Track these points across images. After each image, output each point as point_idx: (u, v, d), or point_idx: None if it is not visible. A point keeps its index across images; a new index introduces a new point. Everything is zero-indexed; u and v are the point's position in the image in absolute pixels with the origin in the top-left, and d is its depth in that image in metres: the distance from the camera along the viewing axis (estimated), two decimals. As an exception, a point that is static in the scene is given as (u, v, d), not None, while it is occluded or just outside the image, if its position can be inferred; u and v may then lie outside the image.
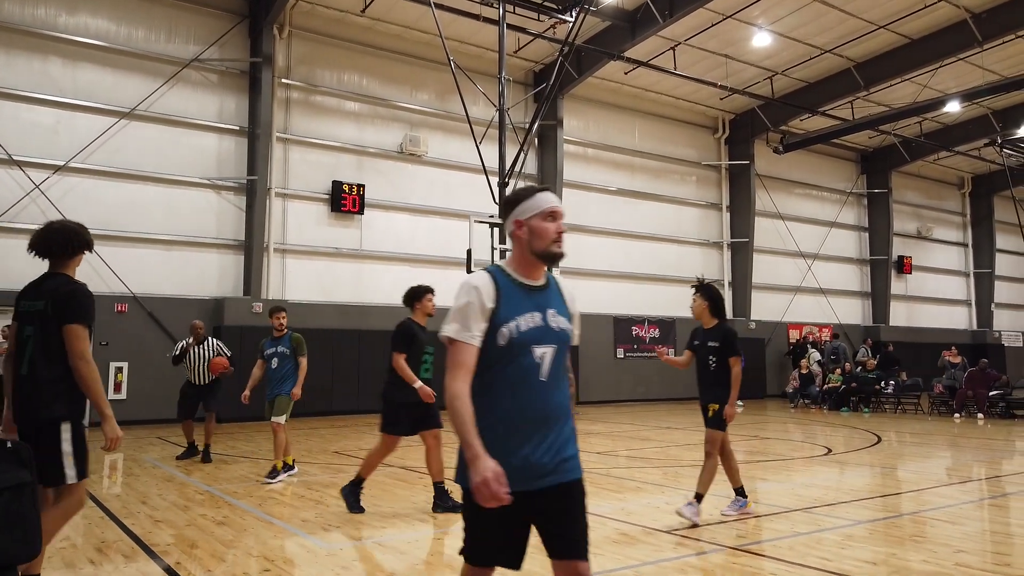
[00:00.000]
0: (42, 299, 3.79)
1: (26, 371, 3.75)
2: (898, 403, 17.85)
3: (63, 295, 3.77)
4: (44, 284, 3.87)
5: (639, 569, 4.69)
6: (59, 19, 14.33)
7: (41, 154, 13.95)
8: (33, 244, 3.94)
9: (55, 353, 3.73)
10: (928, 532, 5.73)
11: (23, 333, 3.81)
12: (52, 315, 3.74)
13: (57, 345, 3.73)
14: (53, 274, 3.93)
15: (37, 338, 3.75)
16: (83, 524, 6.00)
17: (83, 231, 4.03)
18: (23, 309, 3.87)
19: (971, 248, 30.18)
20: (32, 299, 3.84)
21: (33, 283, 3.94)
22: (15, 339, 3.87)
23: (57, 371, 3.73)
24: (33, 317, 3.79)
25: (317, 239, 16.62)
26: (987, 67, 19.55)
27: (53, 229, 3.97)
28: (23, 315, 3.85)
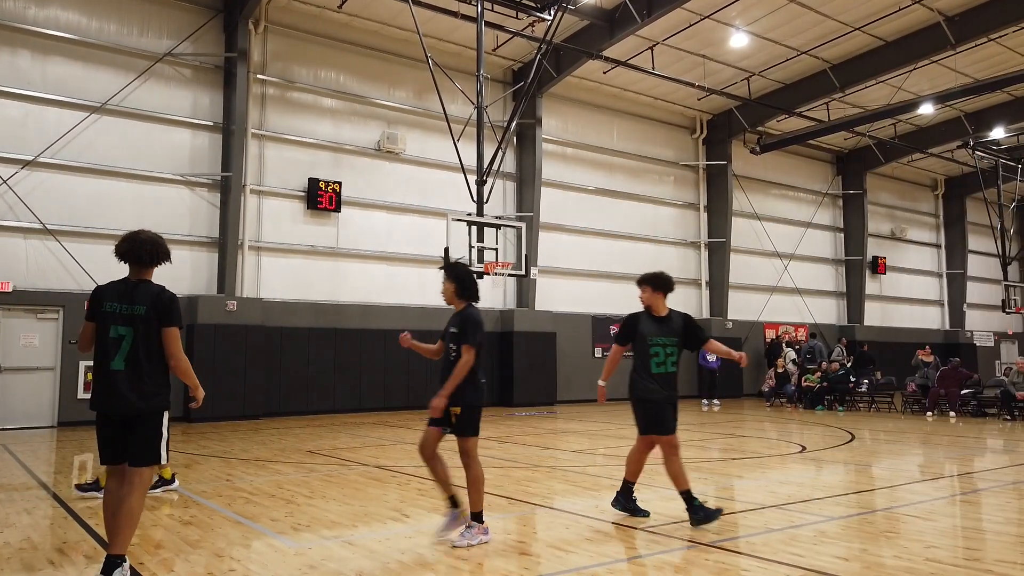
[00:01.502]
0: (141, 304, 4.29)
1: (122, 366, 4.22)
2: (872, 402, 18.02)
3: (164, 302, 4.33)
4: (139, 290, 4.34)
5: (612, 566, 4.65)
6: (28, 11, 14.05)
7: (9, 148, 13.67)
8: (123, 252, 4.38)
9: (155, 351, 4.28)
10: (900, 528, 5.75)
11: (114, 332, 4.25)
12: (154, 318, 4.28)
13: (157, 344, 4.28)
14: (143, 281, 4.41)
15: (139, 338, 4.25)
16: (45, 524, 5.86)
17: (165, 243, 4.51)
18: (113, 311, 4.28)
19: (944, 249, 30.57)
20: (128, 303, 4.30)
21: (120, 288, 4.36)
22: (98, 337, 4.30)
23: (158, 367, 4.31)
24: (131, 319, 4.27)
25: (293, 237, 16.45)
26: (960, 70, 19.81)
27: (143, 239, 4.40)
28: (114, 316, 4.27)
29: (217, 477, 8.12)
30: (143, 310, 4.28)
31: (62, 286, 14.01)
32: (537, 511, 6.43)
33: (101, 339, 4.29)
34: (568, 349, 19.91)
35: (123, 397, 4.22)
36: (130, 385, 4.22)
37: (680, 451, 5.79)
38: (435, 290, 18.33)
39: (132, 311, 4.28)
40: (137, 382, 4.24)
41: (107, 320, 4.29)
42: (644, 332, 5.92)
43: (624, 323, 6.10)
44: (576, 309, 20.38)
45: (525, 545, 5.30)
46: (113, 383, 4.23)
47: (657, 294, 5.98)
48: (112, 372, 4.23)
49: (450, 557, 4.87)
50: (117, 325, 4.27)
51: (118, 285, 4.38)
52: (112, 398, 4.24)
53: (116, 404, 4.24)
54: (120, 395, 4.22)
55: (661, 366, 5.85)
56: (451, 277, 5.66)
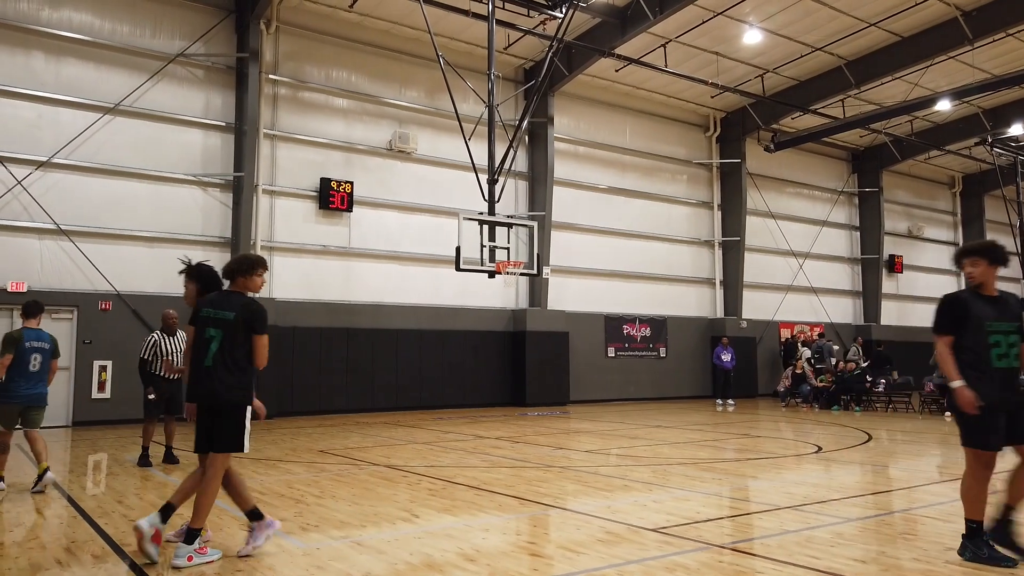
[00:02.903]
0: (232, 311, 4.90)
1: (211, 364, 4.85)
2: (889, 402, 17.81)
3: (253, 310, 4.96)
4: (230, 299, 5.00)
5: (624, 568, 4.58)
6: (42, 13, 14.13)
7: (23, 150, 13.75)
8: (230, 271, 5.09)
9: (239, 352, 4.89)
10: (919, 530, 5.63)
11: (207, 334, 4.89)
12: (242, 324, 4.89)
13: (242, 347, 4.90)
14: (236, 292, 5.07)
15: (226, 340, 4.87)
16: (55, 523, 5.85)
17: (253, 258, 5.21)
18: (207, 316, 4.94)
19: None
20: (221, 309, 4.93)
21: (215, 297, 5.03)
22: (199, 338, 4.93)
23: (240, 366, 4.90)
24: (221, 323, 4.90)
25: (305, 237, 16.45)
26: (977, 65, 19.53)
27: (240, 258, 5.22)
28: (208, 319, 4.93)
29: (228, 477, 8.09)
30: (232, 316, 4.91)
31: (76, 286, 14.08)
32: (549, 512, 6.35)
33: (198, 339, 4.95)
34: (581, 349, 19.82)
35: (210, 389, 4.85)
36: (216, 379, 4.85)
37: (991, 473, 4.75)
38: (447, 290, 18.45)
39: (223, 316, 4.91)
40: (222, 377, 4.85)
41: (203, 323, 4.95)
42: (979, 315, 4.70)
43: (947, 306, 4.83)
44: (589, 308, 20.28)
45: (536, 546, 5.23)
46: (204, 377, 4.88)
47: (992, 268, 4.79)
48: (204, 368, 4.88)
49: (459, 558, 4.81)
50: (210, 328, 4.92)
51: (221, 296, 5.07)
52: (201, 390, 4.89)
53: (204, 395, 4.88)
54: (208, 387, 4.86)
55: (1003, 359, 4.67)
56: (192, 278, 5.46)
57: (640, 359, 21.12)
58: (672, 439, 11.70)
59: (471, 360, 18.14)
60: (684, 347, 21.97)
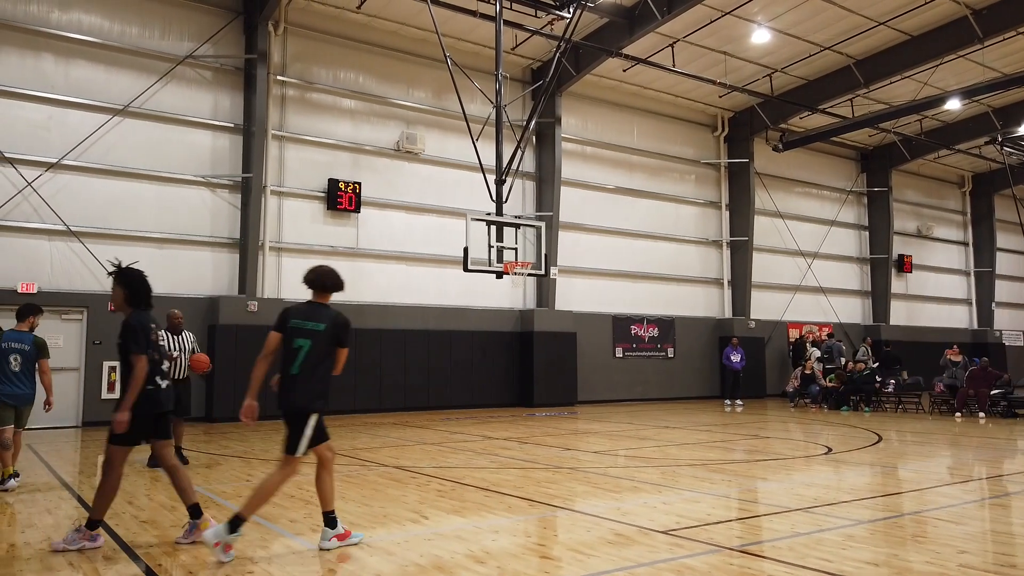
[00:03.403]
0: (322, 323, 5.10)
1: (297, 371, 5.04)
2: (899, 402, 17.72)
3: (341, 323, 5.17)
4: (320, 311, 5.18)
5: (633, 570, 4.56)
6: (52, 15, 14.20)
7: (33, 151, 13.82)
8: (310, 281, 5.25)
9: (324, 362, 5.09)
10: (930, 532, 5.60)
11: (294, 344, 5.06)
12: (329, 336, 5.09)
13: (328, 357, 5.10)
14: (324, 304, 5.25)
15: (313, 350, 5.05)
16: (66, 525, 5.87)
17: (340, 276, 5.38)
18: (298, 326, 5.10)
19: (972, 247, 30.04)
20: (311, 320, 5.12)
21: (303, 309, 5.20)
22: (287, 347, 5.09)
23: (322, 375, 5.10)
24: (313, 334, 5.07)
25: (313, 237, 16.49)
26: (987, 64, 19.42)
27: (326, 272, 5.31)
28: (297, 330, 5.09)
29: (237, 477, 8.13)
30: (322, 327, 5.09)
31: (86, 287, 14.14)
32: (558, 513, 6.35)
33: (286, 348, 5.10)
34: (588, 349, 19.80)
35: (294, 396, 5.05)
36: (301, 387, 5.05)
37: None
38: (455, 290, 18.45)
39: (312, 327, 5.08)
40: (305, 385, 5.06)
41: (292, 333, 5.09)
42: None
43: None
44: (596, 309, 20.26)
45: (545, 548, 5.23)
46: (289, 384, 5.07)
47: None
48: (290, 376, 5.07)
49: (469, 560, 4.81)
50: (298, 337, 5.07)
51: (302, 306, 5.22)
52: (283, 398, 5.08)
53: (285, 402, 5.07)
54: (288, 396, 5.06)
55: None
56: (120, 283, 5.39)
57: (648, 359, 21.08)
58: (681, 440, 11.68)
59: (479, 360, 18.14)
60: (692, 347, 21.92)
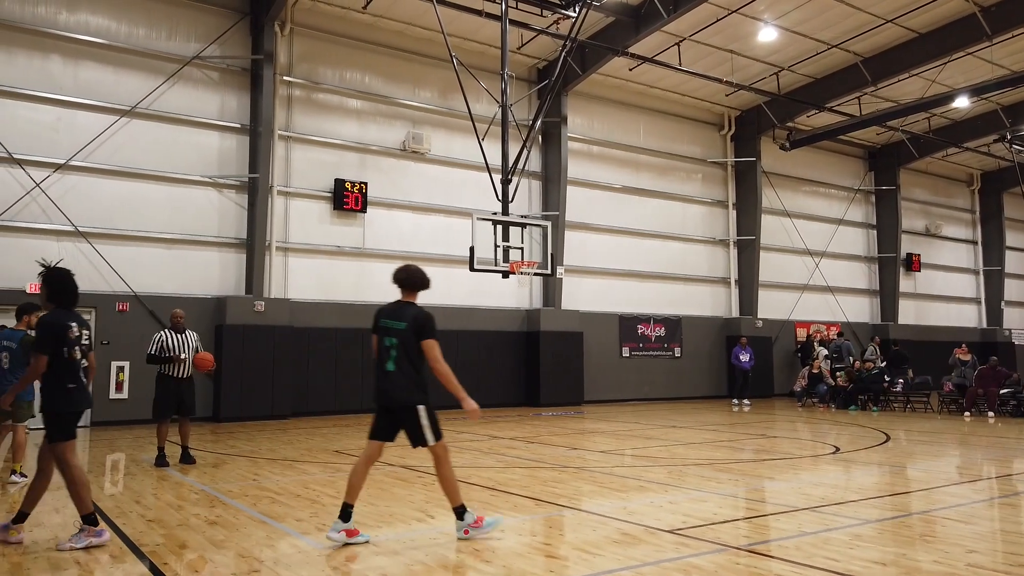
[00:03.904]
0: (404, 320, 5.31)
1: (392, 368, 5.29)
2: (907, 401, 17.64)
3: (422, 318, 5.33)
4: (404, 310, 5.39)
5: (639, 570, 4.55)
6: (60, 17, 14.26)
7: (42, 152, 13.88)
8: (400, 280, 5.46)
9: (415, 358, 5.29)
10: (939, 532, 5.57)
11: (387, 342, 5.31)
12: (412, 332, 5.27)
13: (416, 352, 5.29)
14: (408, 303, 5.44)
15: (402, 347, 5.28)
16: (73, 524, 5.88)
17: (426, 275, 5.54)
18: (386, 325, 5.36)
19: (980, 245, 29.88)
20: (396, 319, 5.35)
21: (391, 308, 5.43)
22: (380, 345, 5.36)
23: (416, 369, 5.30)
24: (398, 332, 5.30)
25: (319, 237, 16.51)
26: (996, 62, 19.32)
27: (413, 271, 5.50)
28: (387, 329, 5.34)
29: (244, 477, 8.14)
30: (404, 325, 5.31)
31: (94, 288, 14.19)
32: (564, 512, 6.34)
33: (380, 346, 5.36)
34: (595, 349, 19.77)
35: (391, 393, 5.31)
36: (396, 383, 5.29)
37: None
38: (461, 290, 18.43)
39: (397, 326, 5.32)
40: (398, 381, 5.28)
41: (382, 332, 5.37)
42: None
43: None
44: (603, 308, 20.23)
45: (551, 547, 5.22)
46: (385, 382, 5.32)
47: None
48: (386, 372, 5.32)
49: (474, 559, 4.80)
50: (388, 336, 5.32)
51: (391, 305, 5.46)
52: (383, 393, 5.34)
53: (386, 398, 5.32)
54: (389, 391, 5.31)
55: None
56: (43, 281, 5.44)
57: (655, 359, 21.05)
58: (688, 439, 11.65)
59: (485, 360, 18.13)
60: (699, 347, 21.87)
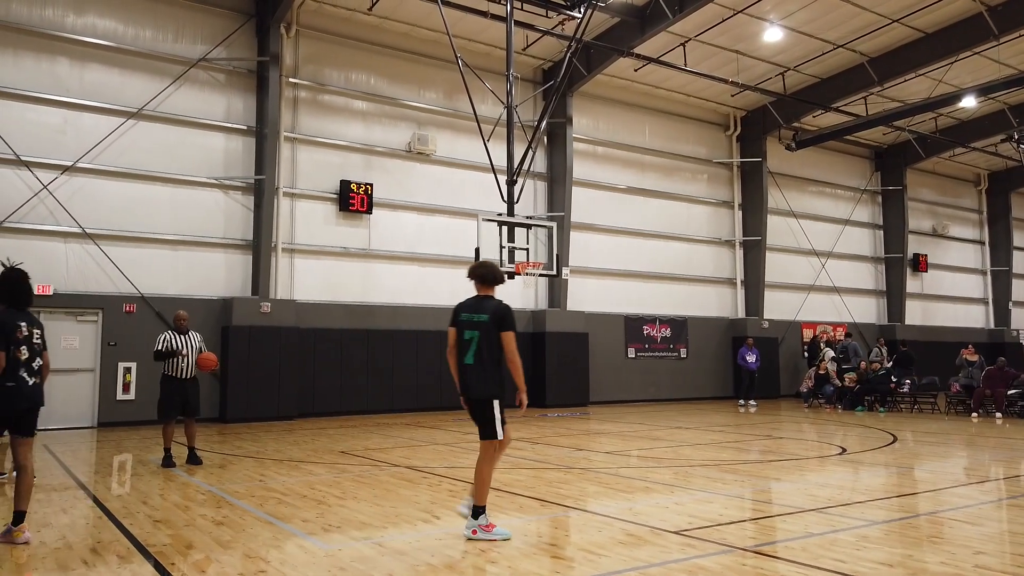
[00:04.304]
0: (485, 314, 5.43)
1: (472, 361, 5.41)
2: (914, 402, 17.58)
3: (502, 310, 5.45)
4: (485, 303, 5.51)
5: (645, 571, 4.54)
6: (66, 19, 14.33)
7: (49, 154, 13.95)
8: (477, 275, 5.62)
9: (495, 351, 5.39)
10: (946, 533, 5.54)
11: (466, 335, 5.43)
12: (493, 324, 5.38)
13: (496, 345, 5.39)
14: (488, 296, 5.58)
15: (483, 340, 5.39)
16: (81, 524, 5.92)
17: (500, 269, 5.75)
18: (468, 319, 5.47)
19: (988, 246, 29.77)
20: (478, 312, 5.46)
21: (471, 302, 5.55)
22: (459, 339, 5.47)
23: (495, 362, 5.41)
24: (480, 324, 5.41)
25: (325, 239, 16.54)
26: (1003, 61, 19.24)
27: (489, 266, 5.71)
28: (468, 322, 5.45)
29: (250, 477, 8.16)
30: (486, 318, 5.42)
31: (101, 289, 14.25)
32: (569, 513, 6.33)
33: (459, 341, 5.48)
34: (600, 350, 19.76)
35: (471, 385, 5.42)
36: (474, 376, 5.40)
37: None
38: (466, 291, 18.38)
39: (478, 319, 5.43)
40: (478, 373, 5.39)
41: (462, 326, 5.49)
42: None
43: None
44: (608, 309, 20.21)
45: (557, 548, 5.21)
46: (465, 374, 5.44)
47: None
48: (466, 365, 5.44)
49: (479, 559, 4.81)
50: (468, 330, 5.44)
51: (471, 300, 5.57)
52: (463, 386, 5.46)
53: (465, 390, 5.45)
54: (467, 384, 5.44)
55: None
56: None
57: (661, 360, 21.02)
58: (694, 440, 11.63)
59: (491, 361, 18.11)
60: (705, 348, 21.83)
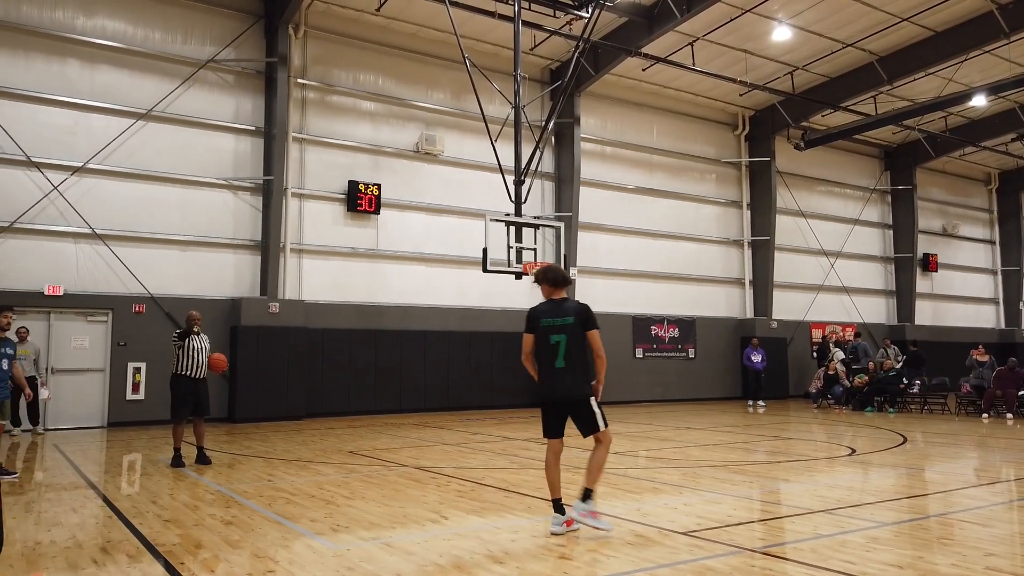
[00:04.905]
0: (569, 316, 5.50)
1: (564, 364, 5.46)
2: (924, 403, 17.48)
3: (583, 309, 5.55)
4: (564, 305, 5.59)
5: (654, 571, 4.54)
6: (77, 21, 14.41)
7: (59, 155, 14.03)
8: (548, 278, 5.68)
9: (583, 350, 5.47)
10: (956, 535, 5.51)
11: (551, 341, 5.49)
12: (579, 325, 5.47)
13: (583, 344, 5.46)
14: (563, 299, 5.66)
15: (571, 341, 5.45)
16: (91, 523, 5.95)
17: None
18: (551, 323, 5.52)
19: (998, 245, 29.59)
20: (561, 315, 5.53)
21: (547, 307, 5.61)
22: (543, 343, 5.52)
23: (585, 361, 5.51)
24: (566, 327, 5.48)
25: (333, 239, 16.58)
26: (1014, 60, 19.13)
27: (557, 268, 5.79)
28: (552, 327, 5.51)
29: (259, 477, 8.19)
30: (571, 320, 5.48)
31: (111, 289, 14.33)
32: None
33: (543, 346, 5.52)
34: (608, 350, 19.26)
35: (565, 388, 5.46)
36: (568, 378, 5.46)
37: None
38: (474, 291, 18.44)
39: (565, 322, 5.49)
40: (575, 375, 5.45)
41: (545, 332, 5.52)
42: None
43: None
44: (616, 309, 20.17)
45: (564, 548, 5.20)
46: (557, 378, 5.48)
47: None
48: (556, 370, 5.48)
49: (488, 560, 4.80)
50: (554, 334, 5.48)
51: (547, 304, 5.62)
52: (556, 389, 5.49)
53: (559, 393, 5.49)
54: (562, 386, 5.47)
55: None
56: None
57: (669, 360, 20.97)
58: (702, 441, 11.60)
59: (498, 361, 18.13)
60: (714, 348, 21.77)
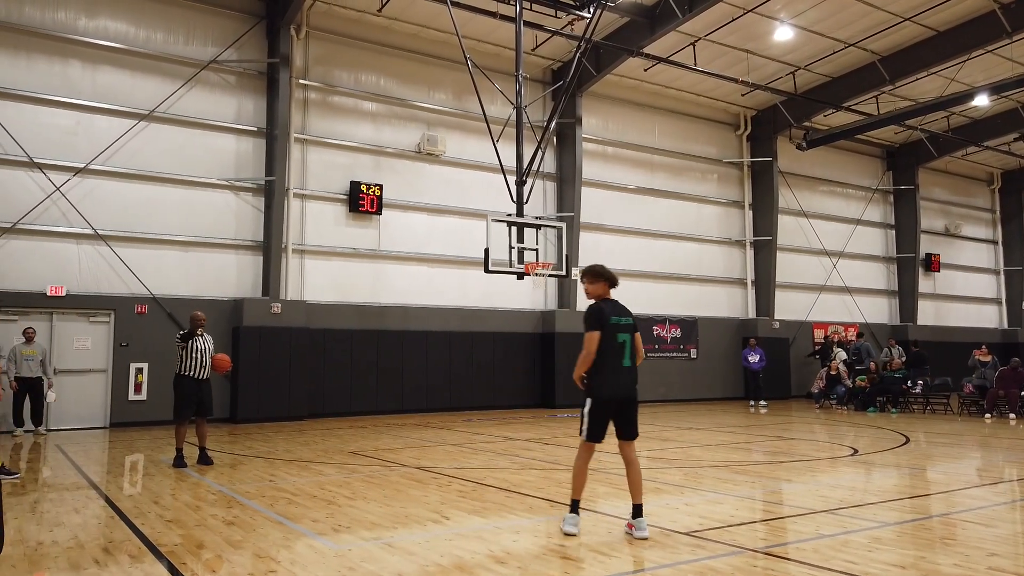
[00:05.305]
0: (630, 317, 5.68)
1: (629, 363, 5.61)
2: (927, 403, 17.45)
3: (632, 314, 5.71)
4: (621, 306, 5.70)
5: (655, 572, 4.53)
6: (79, 22, 14.42)
7: (61, 156, 14.04)
8: (607, 276, 5.77)
9: (634, 351, 5.63)
10: (959, 535, 5.50)
11: (620, 338, 5.57)
12: (635, 327, 5.67)
13: (633, 345, 5.64)
14: (616, 299, 5.75)
15: (632, 342, 5.63)
16: (93, 524, 5.95)
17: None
18: (619, 322, 5.59)
19: (1001, 245, 29.54)
20: (625, 315, 5.65)
21: (613, 306, 5.65)
22: (610, 341, 5.53)
23: (635, 362, 5.67)
24: (630, 327, 5.65)
25: (335, 239, 16.58)
26: (1016, 59, 19.08)
27: (609, 269, 5.85)
28: (620, 326, 5.59)
29: (260, 478, 8.19)
30: (632, 321, 5.68)
31: (113, 290, 14.34)
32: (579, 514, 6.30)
33: (610, 344, 5.53)
34: (610, 350, 19.66)
35: (629, 386, 5.63)
36: (631, 378, 5.64)
37: None
38: (475, 292, 18.45)
39: (628, 321, 5.66)
40: (633, 375, 5.64)
41: (615, 330, 5.57)
42: None
43: None
44: (618, 309, 20.13)
45: (566, 549, 5.20)
46: (624, 376, 5.60)
47: None
48: (624, 368, 5.60)
49: (490, 560, 4.80)
50: (620, 333, 5.59)
51: (611, 303, 5.69)
52: (622, 387, 5.60)
53: (625, 391, 5.61)
54: (628, 385, 5.62)
55: None
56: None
57: (671, 360, 20.96)
58: (704, 441, 11.59)
59: (500, 362, 18.14)
60: (715, 348, 21.75)
